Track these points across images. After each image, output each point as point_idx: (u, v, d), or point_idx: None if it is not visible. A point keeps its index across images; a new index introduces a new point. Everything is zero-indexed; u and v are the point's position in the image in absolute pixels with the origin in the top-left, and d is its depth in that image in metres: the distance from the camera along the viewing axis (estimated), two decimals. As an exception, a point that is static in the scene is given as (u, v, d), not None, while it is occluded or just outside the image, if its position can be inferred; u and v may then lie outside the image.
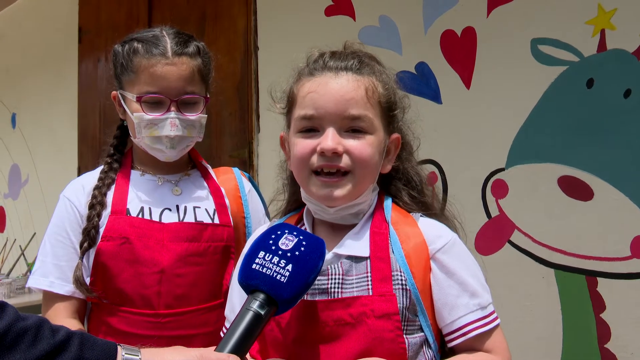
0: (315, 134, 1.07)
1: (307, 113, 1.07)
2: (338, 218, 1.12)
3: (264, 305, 0.92)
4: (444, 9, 2.42)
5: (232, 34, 3.27)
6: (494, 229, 2.23)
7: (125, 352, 0.89)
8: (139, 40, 1.43)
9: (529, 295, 2.13)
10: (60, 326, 0.89)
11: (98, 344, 0.88)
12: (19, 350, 0.81)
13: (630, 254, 1.93)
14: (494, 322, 1.05)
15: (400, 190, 1.17)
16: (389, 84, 1.13)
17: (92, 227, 1.39)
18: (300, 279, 0.93)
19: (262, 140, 3.12)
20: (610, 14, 1.99)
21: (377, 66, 1.14)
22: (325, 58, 1.12)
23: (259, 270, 0.94)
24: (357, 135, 1.06)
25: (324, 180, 1.06)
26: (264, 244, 0.97)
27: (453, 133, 2.34)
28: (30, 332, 0.84)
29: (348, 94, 1.06)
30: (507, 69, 2.23)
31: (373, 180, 1.12)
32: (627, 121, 1.95)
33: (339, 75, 1.08)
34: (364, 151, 1.06)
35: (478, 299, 1.05)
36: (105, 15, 4.14)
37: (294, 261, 0.94)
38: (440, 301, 1.05)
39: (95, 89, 4.17)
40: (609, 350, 1.95)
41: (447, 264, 1.06)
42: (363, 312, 1.01)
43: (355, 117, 1.05)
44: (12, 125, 5.13)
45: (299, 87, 1.12)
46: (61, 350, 0.84)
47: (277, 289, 0.92)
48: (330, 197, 1.06)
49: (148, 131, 1.41)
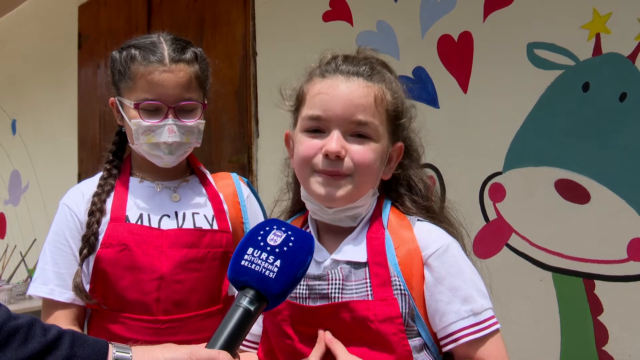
0: (320, 135, 1.08)
1: (315, 113, 1.08)
2: (336, 219, 1.12)
3: (253, 301, 0.93)
4: (440, 14, 2.44)
5: (230, 40, 3.29)
6: (491, 232, 2.24)
7: (116, 349, 0.90)
8: (136, 47, 1.43)
9: (526, 298, 2.14)
10: (52, 325, 0.90)
11: (89, 341, 0.89)
12: (11, 349, 0.83)
13: (627, 256, 1.94)
14: (488, 328, 1.03)
15: (402, 196, 1.17)
16: (397, 93, 1.14)
17: (91, 234, 1.39)
18: (288, 274, 0.94)
19: (261, 145, 3.13)
20: (605, 18, 2.01)
21: (388, 74, 1.14)
22: (338, 61, 1.12)
23: (248, 266, 0.94)
24: (361, 140, 1.07)
25: (325, 177, 1.06)
26: (253, 240, 0.98)
27: (450, 137, 2.35)
28: (22, 330, 0.85)
29: (357, 99, 1.06)
30: (503, 73, 2.24)
31: (373, 186, 1.12)
32: (623, 124, 1.96)
33: (349, 79, 1.08)
34: (366, 157, 1.06)
35: (470, 305, 1.03)
36: (105, 21, 4.15)
37: (282, 257, 0.95)
38: (431, 307, 1.05)
39: (95, 94, 4.18)
40: (607, 352, 1.96)
41: (438, 269, 1.05)
42: (366, 316, 1.01)
43: (362, 123, 1.06)
44: (13, 131, 5.15)
45: (310, 86, 1.12)
46: (52, 348, 0.85)
47: (266, 285, 0.93)
48: (330, 197, 1.07)
49: (146, 138, 1.42)
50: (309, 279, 1.08)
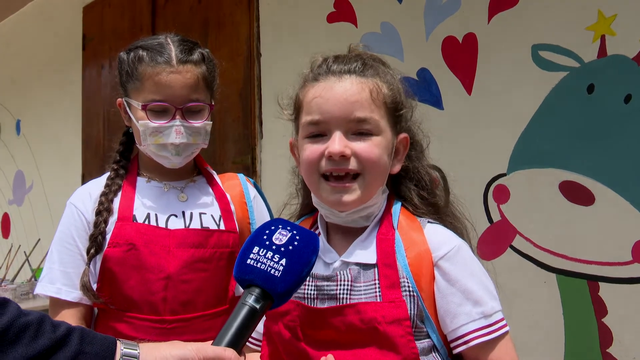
0: (322, 139, 1.08)
1: (314, 118, 1.08)
2: (349, 221, 1.13)
3: (259, 300, 0.93)
4: (445, 15, 2.44)
5: (235, 41, 3.29)
6: (495, 234, 2.24)
7: (124, 346, 0.91)
8: (144, 48, 1.43)
9: (531, 300, 2.13)
10: (61, 322, 0.91)
11: (98, 338, 0.90)
12: (21, 345, 0.83)
13: (631, 258, 1.93)
14: (498, 331, 1.03)
15: (411, 191, 1.17)
16: (393, 84, 1.13)
17: (98, 233, 1.40)
18: (293, 273, 0.95)
19: (265, 146, 3.14)
20: (611, 19, 2.01)
21: (382, 67, 1.14)
22: (329, 62, 1.12)
23: (254, 265, 0.95)
24: (363, 137, 1.07)
25: (334, 185, 1.07)
26: (259, 239, 0.98)
27: (455, 138, 2.35)
28: (32, 327, 0.86)
29: (352, 97, 1.06)
30: (508, 74, 2.24)
31: (383, 181, 1.12)
32: (628, 126, 1.96)
33: (342, 78, 1.08)
34: (372, 153, 1.06)
35: (482, 307, 1.03)
36: (109, 22, 4.17)
37: (287, 255, 0.95)
38: (442, 309, 1.05)
39: (99, 95, 4.19)
40: (611, 354, 1.95)
41: (450, 271, 1.05)
42: (374, 317, 1.01)
43: (361, 120, 1.06)
44: (17, 131, 5.16)
45: (305, 92, 1.13)
46: (62, 344, 0.86)
47: (272, 283, 0.93)
48: (340, 203, 1.07)
49: (153, 139, 1.42)
50: (318, 279, 1.09)
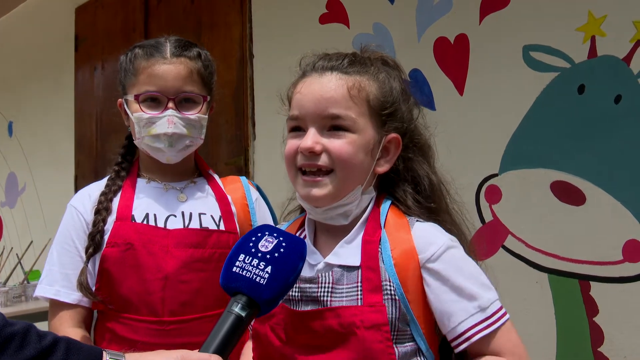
0: (301, 134, 1.09)
1: (293, 113, 1.10)
2: (327, 218, 1.12)
3: (245, 307, 0.93)
4: (437, 16, 2.45)
5: (227, 42, 3.29)
6: (487, 234, 2.24)
7: (110, 356, 0.90)
8: (141, 47, 1.47)
9: (522, 299, 2.14)
10: (48, 332, 0.90)
11: (84, 349, 0.89)
12: (7, 355, 0.83)
13: (622, 257, 1.94)
14: (498, 322, 1.02)
15: (406, 192, 1.14)
16: (385, 84, 1.12)
17: (97, 232, 1.39)
18: (279, 280, 0.94)
19: (257, 147, 3.14)
20: (601, 20, 2.02)
21: (377, 67, 1.14)
22: (316, 59, 1.13)
23: (239, 272, 0.95)
24: (338, 133, 1.06)
25: (305, 179, 1.08)
26: (245, 246, 0.98)
27: (447, 139, 2.35)
28: (18, 337, 0.85)
29: (327, 93, 1.06)
30: (499, 75, 2.25)
31: (360, 180, 1.10)
32: (618, 126, 1.97)
33: (323, 75, 1.09)
34: (343, 150, 1.05)
35: (477, 301, 1.02)
36: (102, 23, 4.15)
37: (273, 263, 0.95)
38: (438, 310, 1.03)
39: (92, 96, 4.17)
40: (603, 353, 1.96)
41: (440, 271, 1.04)
42: (353, 322, 1.01)
43: (335, 116, 1.06)
44: (9, 133, 5.14)
45: (293, 89, 1.14)
46: (47, 355, 0.85)
47: (257, 291, 0.93)
48: (310, 196, 1.07)
49: (147, 130, 1.42)
50: (301, 281, 1.08)
